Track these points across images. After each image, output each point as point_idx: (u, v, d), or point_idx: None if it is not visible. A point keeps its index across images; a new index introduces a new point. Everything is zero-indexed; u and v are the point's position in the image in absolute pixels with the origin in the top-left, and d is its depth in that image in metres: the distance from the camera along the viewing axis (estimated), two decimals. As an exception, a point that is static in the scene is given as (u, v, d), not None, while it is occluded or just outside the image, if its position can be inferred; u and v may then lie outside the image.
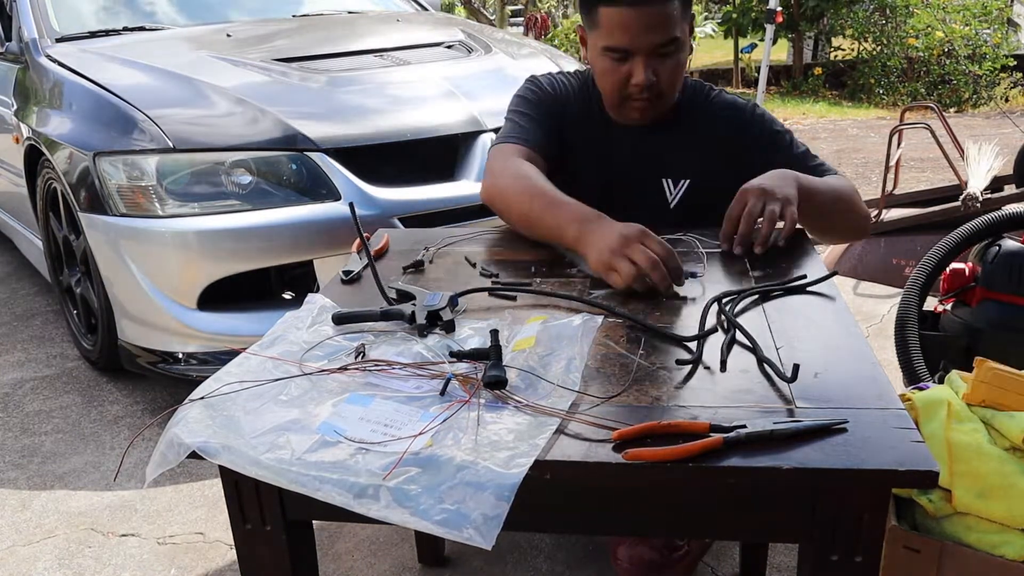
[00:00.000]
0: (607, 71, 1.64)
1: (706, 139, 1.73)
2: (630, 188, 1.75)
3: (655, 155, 1.74)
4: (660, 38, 1.57)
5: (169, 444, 0.98)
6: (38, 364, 3.16)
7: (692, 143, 1.73)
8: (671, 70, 1.62)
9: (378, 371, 1.11)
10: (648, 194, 1.75)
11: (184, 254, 2.51)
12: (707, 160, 1.72)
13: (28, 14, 3.34)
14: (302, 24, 3.71)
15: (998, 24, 10.70)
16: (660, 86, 1.63)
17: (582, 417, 0.97)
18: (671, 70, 1.62)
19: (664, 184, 1.74)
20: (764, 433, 0.92)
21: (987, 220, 2.30)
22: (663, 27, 1.56)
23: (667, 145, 1.74)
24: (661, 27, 1.56)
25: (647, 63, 1.59)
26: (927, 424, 1.44)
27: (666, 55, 1.60)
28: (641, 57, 1.59)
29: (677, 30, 1.57)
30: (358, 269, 1.50)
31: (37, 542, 2.13)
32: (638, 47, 1.58)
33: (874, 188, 5.22)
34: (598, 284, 1.38)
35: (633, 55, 1.59)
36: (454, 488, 0.89)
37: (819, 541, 0.95)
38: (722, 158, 1.71)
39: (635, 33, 1.56)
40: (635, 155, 1.74)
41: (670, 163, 1.73)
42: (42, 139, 2.91)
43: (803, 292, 1.33)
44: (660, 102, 1.67)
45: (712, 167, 1.71)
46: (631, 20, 1.55)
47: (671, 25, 1.56)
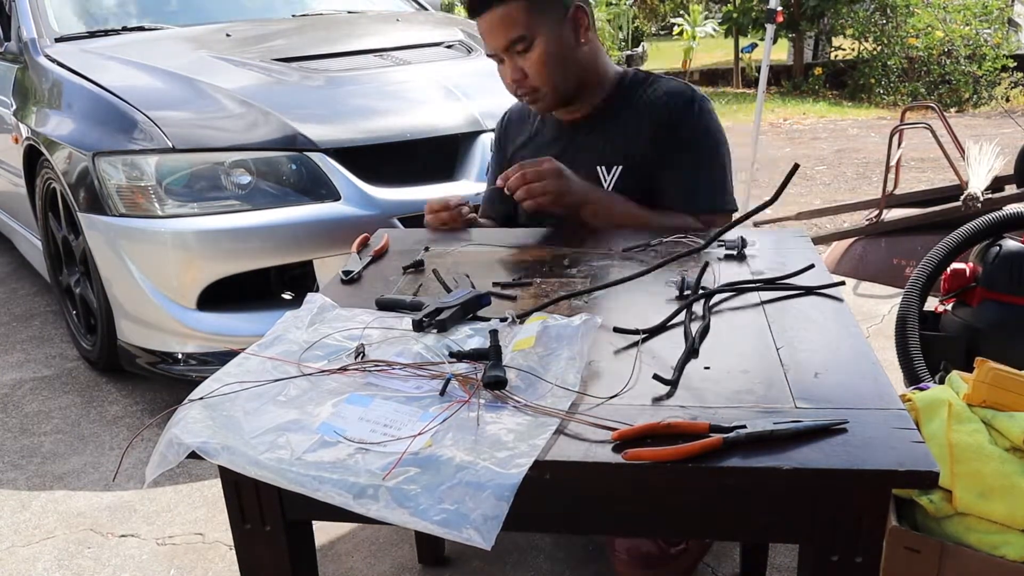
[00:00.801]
0: (499, 74, 1.79)
1: (638, 125, 1.78)
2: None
3: (589, 145, 1.82)
4: (505, 39, 1.68)
5: (169, 444, 0.98)
6: (37, 364, 3.16)
7: (624, 130, 1.80)
8: (533, 64, 1.70)
9: (378, 371, 1.11)
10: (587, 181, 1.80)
11: (183, 254, 2.50)
12: (637, 145, 1.77)
13: (27, 14, 3.34)
14: (302, 24, 3.71)
15: (998, 24, 10.71)
16: (530, 81, 1.73)
17: (582, 417, 0.97)
18: (533, 64, 1.70)
19: (599, 171, 1.79)
20: (764, 433, 0.91)
21: (988, 220, 2.29)
22: (505, 28, 1.67)
23: (600, 134, 1.81)
24: (502, 29, 1.67)
25: (510, 62, 1.72)
26: (928, 424, 1.44)
27: (521, 52, 1.70)
28: (504, 57, 1.72)
29: (522, 29, 1.67)
30: (358, 269, 1.50)
31: (36, 543, 2.13)
32: (493, 49, 1.72)
33: (875, 188, 5.22)
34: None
35: (500, 58, 1.73)
36: (454, 488, 0.89)
37: (819, 541, 0.94)
38: (652, 142, 1.76)
39: (488, 37, 1.71)
40: (576, 147, 1.82)
41: (603, 151, 1.80)
42: (41, 139, 2.91)
43: (805, 292, 1.33)
44: (544, 95, 1.76)
45: (641, 151, 1.76)
46: (482, 27, 1.70)
47: (513, 25, 1.66)
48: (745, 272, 1.43)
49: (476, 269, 1.50)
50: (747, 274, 1.42)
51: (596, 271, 1.47)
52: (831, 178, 6.11)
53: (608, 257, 1.53)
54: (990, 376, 1.43)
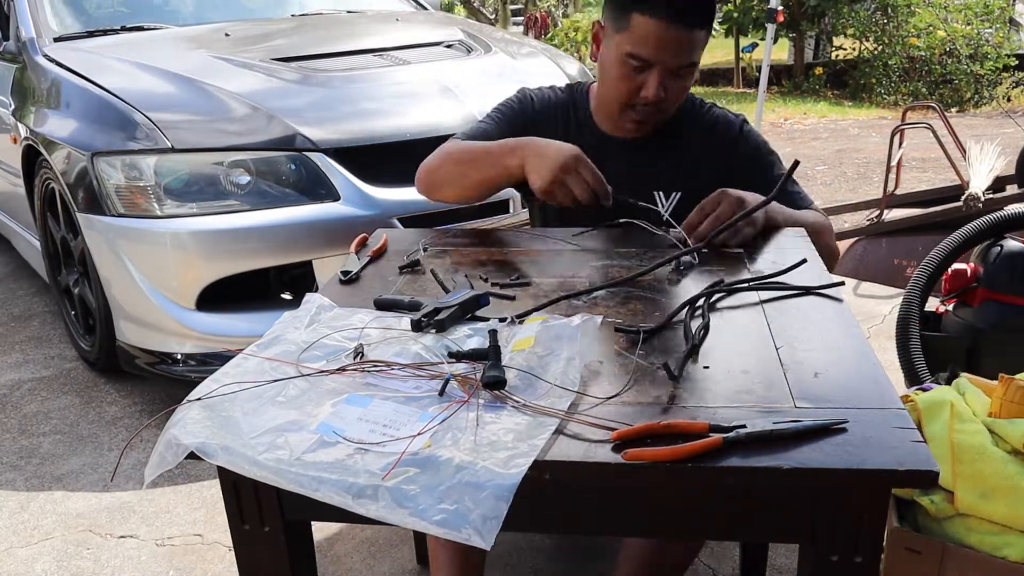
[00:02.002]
0: (620, 77, 1.64)
1: (697, 153, 1.75)
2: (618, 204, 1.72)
3: (647, 167, 1.75)
4: (683, 59, 1.59)
5: (168, 445, 0.98)
6: (36, 365, 3.16)
7: (683, 157, 1.75)
8: (680, 91, 1.65)
9: (377, 372, 1.11)
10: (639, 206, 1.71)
11: (182, 254, 2.50)
12: (697, 174, 1.73)
13: (26, 13, 3.33)
14: (301, 23, 3.71)
15: (1000, 23, 10.71)
16: (666, 103, 1.65)
17: (581, 417, 0.97)
18: (680, 91, 1.65)
19: (657, 197, 1.74)
20: (764, 433, 0.91)
21: (989, 220, 2.29)
22: (689, 49, 1.59)
23: (659, 158, 1.75)
24: (687, 48, 1.58)
25: (663, 79, 1.61)
26: (930, 425, 1.43)
27: (681, 76, 1.62)
28: (659, 71, 1.60)
29: (697, 55, 1.61)
30: (356, 269, 1.50)
31: (35, 543, 2.12)
32: (662, 62, 1.59)
33: (875, 188, 5.22)
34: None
35: (652, 68, 1.60)
36: (453, 488, 0.88)
37: (819, 541, 0.94)
38: (711, 172, 1.72)
39: (663, 49, 1.57)
40: (628, 168, 1.74)
41: (662, 175, 1.74)
42: (40, 139, 2.91)
43: (805, 292, 1.33)
44: (659, 118, 1.69)
45: (702, 181, 1.70)
46: (663, 34, 1.56)
47: (695, 48, 1.60)
48: (745, 272, 1.43)
49: (475, 269, 1.49)
50: (747, 274, 1.42)
51: (596, 271, 1.46)
52: (832, 178, 6.11)
53: (608, 257, 1.52)
54: (1019, 396, 1.43)
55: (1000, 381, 1.47)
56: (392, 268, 1.52)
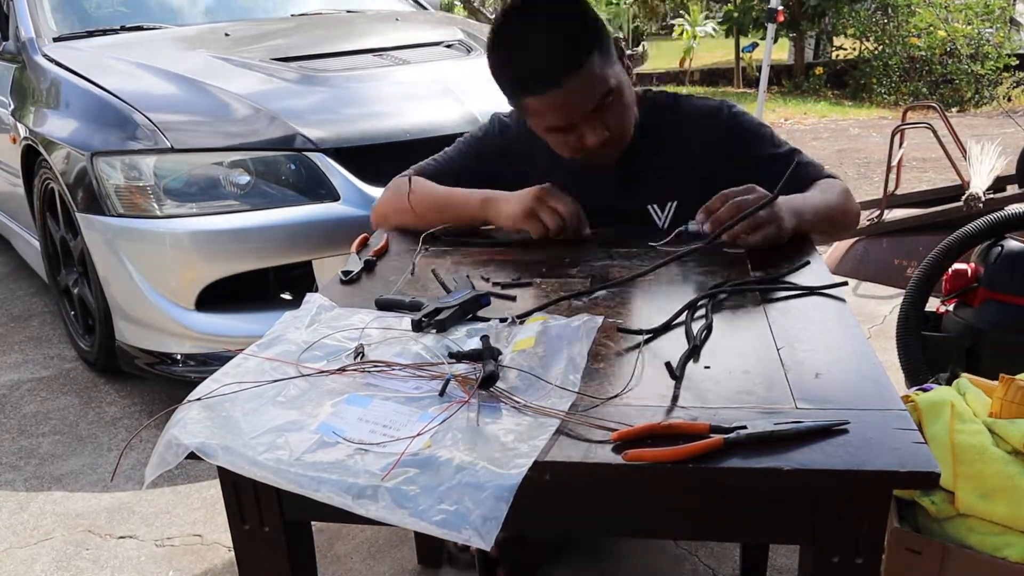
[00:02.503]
0: (559, 144, 1.59)
1: (686, 155, 1.67)
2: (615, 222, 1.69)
3: (634, 184, 1.69)
4: (592, 100, 1.50)
5: (168, 445, 0.98)
6: (35, 365, 3.15)
7: (669, 164, 1.67)
8: (619, 115, 1.57)
9: (377, 372, 1.11)
10: (637, 223, 1.70)
11: (182, 255, 2.50)
12: (690, 177, 1.65)
13: (25, 13, 3.33)
14: (301, 23, 3.71)
15: (1000, 23, 10.70)
16: (614, 135, 1.57)
17: (582, 418, 0.97)
18: (619, 115, 1.57)
19: (652, 211, 1.69)
20: (765, 434, 0.91)
21: (989, 220, 2.29)
22: (590, 87, 1.49)
23: (643, 172, 1.68)
24: (589, 88, 1.49)
25: (594, 123, 1.53)
26: (931, 425, 1.43)
27: (608, 106, 1.53)
28: (585, 121, 1.53)
29: (609, 80, 1.51)
30: (357, 269, 1.50)
31: (34, 544, 2.12)
32: (578, 117, 1.52)
33: (876, 188, 5.21)
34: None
35: (571, 127, 1.54)
36: (453, 489, 0.88)
37: (820, 542, 0.94)
38: (705, 171, 1.64)
39: (569, 108, 1.50)
40: (617, 188, 1.69)
41: (651, 189, 1.68)
42: (39, 139, 2.91)
43: (806, 292, 1.32)
44: (620, 145, 1.62)
45: (696, 183, 1.62)
46: (560, 99, 1.48)
47: (600, 81, 1.50)
48: (746, 273, 1.43)
49: (476, 269, 1.49)
50: (748, 275, 1.41)
51: (596, 271, 1.46)
52: (831, 178, 6.10)
53: (608, 257, 1.52)
54: (1019, 396, 1.42)
55: (1000, 381, 1.47)
56: (393, 268, 1.52)
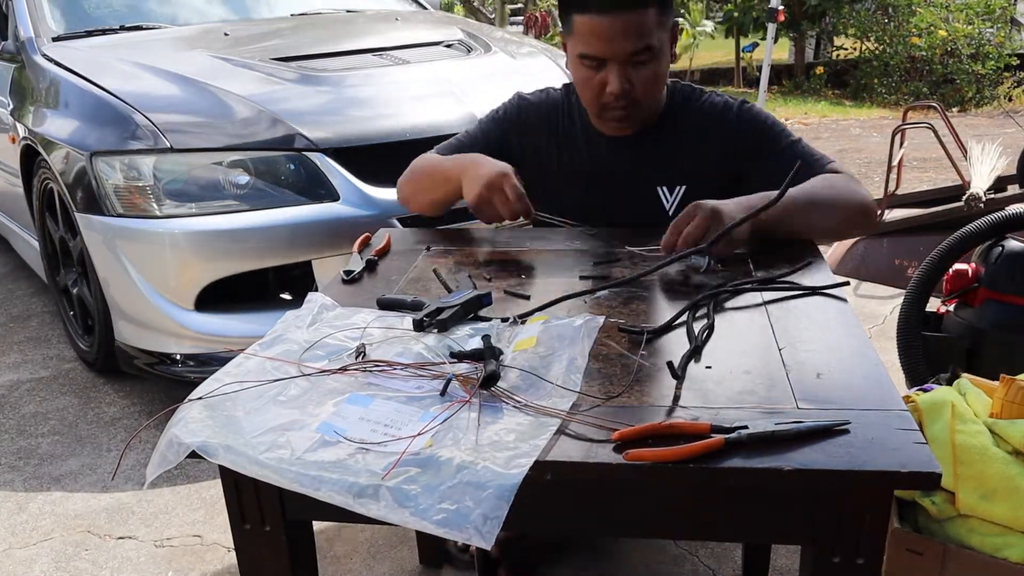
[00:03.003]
0: (583, 80, 1.63)
1: (698, 144, 1.70)
2: (625, 200, 1.72)
3: (647, 164, 1.71)
4: (633, 46, 1.54)
5: (169, 444, 0.98)
6: (34, 366, 3.15)
7: (684, 149, 1.71)
8: (647, 79, 1.60)
9: (378, 371, 1.10)
10: (645, 204, 1.72)
11: (181, 255, 2.49)
12: (701, 165, 1.69)
13: (24, 13, 3.33)
14: (300, 23, 3.70)
15: (1001, 23, 10.69)
16: (635, 95, 1.60)
17: (583, 417, 0.97)
18: (647, 79, 1.60)
19: (660, 192, 1.71)
20: (766, 434, 0.91)
21: (990, 220, 2.28)
22: (636, 35, 1.54)
23: (658, 153, 1.71)
24: (634, 35, 1.54)
25: (621, 71, 1.57)
26: (931, 426, 1.43)
27: (641, 63, 1.58)
28: (616, 65, 1.57)
29: (652, 39, 1.55)
30: (359, 269, 1.50)
31: (34, 544, 2.12)
32: (612, 55, 1.56)
33: (877, 188, 5.20)
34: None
35: (607, 63, 1.57)
36: (454, 488, 0.88)
37: (821, 543, 0.94)
38: (716, 162, 1.68)
39: (608, 41, 1.54)
40: (626, 166, 1.72)
41: (663, 171, 1.71)
42: (38, 139, 2.90)
43: (807, 293, 1.32)
44: (638, 111, 1.65)
45: (706, 172, 1.68)
46: (604, 28, 1.53)
47: (645, 33, 1.54)
48: (748, 273, 1.42)
49: (477, 269, 1.49)
50: (750, 275, 1.41)
51: (598, 271, 1.46)
52: (831, 178, 6.10)
53: (611, 257, 1.52)
54: (1019, 396, 1.42)
55: (1001, 382, 1.47)
56: (395, 268, 1.52)
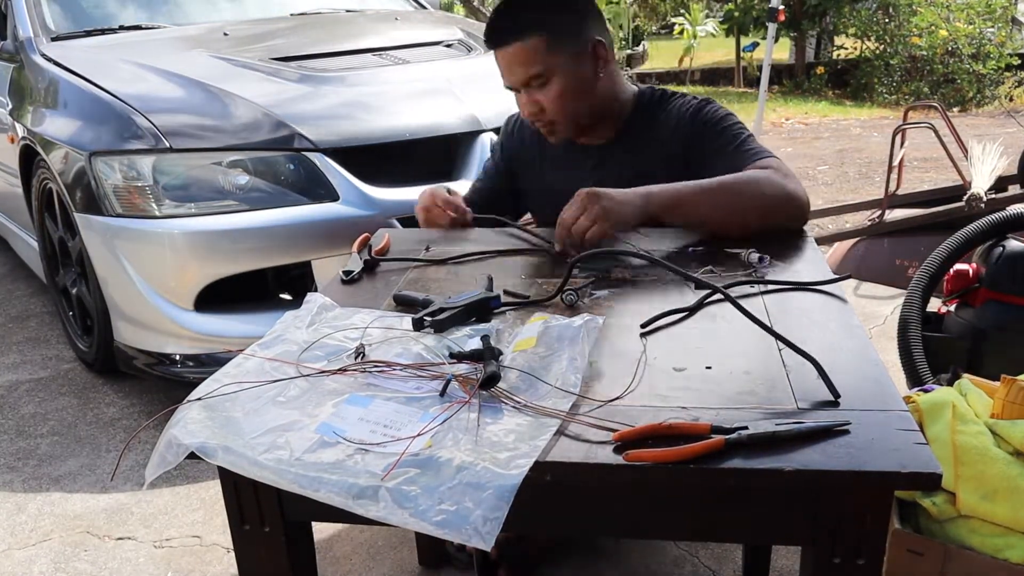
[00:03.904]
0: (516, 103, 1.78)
1: (666, 147, 1.74)
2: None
3: (618, 170, 1.75)
4: (521, 75, 1.67)
5: (168, 445, 0.97)
6: (33, 366, 3.14)
7: (653, 153, 1.75)
8: (551, 98, 1.69)
9: (378, 372, 1.10)
10: None
11: (180, 255, 2.49)
12: (671, 168, 1.70)
13: (23, 12, 3.32)
14: (300, 23, 3.69)
15: (1002, 23, 10.69)
16: (547, 114, 1.71)
17: (583, 418, 0.96)
18: (551, 98, 1.69)
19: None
20: (766, 435, 0.90)
21: (991, 220, 2.28)
22: (523, 64, 1.66)
23: (624, 159, 1.77)
24: (520, 65, 1.66)
25: (527, 96, 1.70)
26: (932, 426, 1.43)
27: (540, 87, 1.68)
28: (520, 92, 1.71)
29: (539, 65, 1.65)
30: (358, 269, 1.49)
31: (33, 545, 2.11)
32: (511, 84, 1.71)
33: (877, 188, 5.21)
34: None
35: (517, 89, 1.72)
36: (454, 489, 0.88)
37: (821, 543, 0.94)
38: (683, 163, 1.71)
39: (504, 72, 1.70)
40: (594, 172, 1.77)
41: (630, 175, 1.69)
42: (37, 139, 2.90)
43: (807, 291, 1.32)
44: (561, 128, 1.74)
45: (674, 174, 1.66)
46: (500, 61, 1.69)
47: (532, 61, 1.64)
48: (748, 273, 1.42)
49: (477, 270, 1.48)
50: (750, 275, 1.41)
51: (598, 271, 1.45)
52: (833, 178, 6.10)
53: (610, 257, 1.51)
54: (1020, 397, 1.42)
55: (1002, 382, 1.47)
56: (395, 268, 1.52)
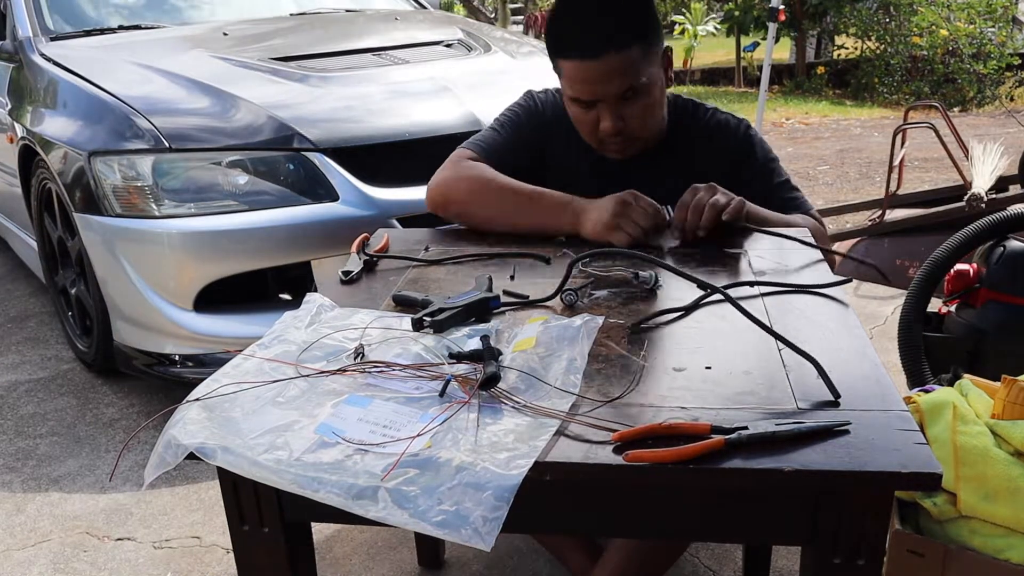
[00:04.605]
0: (577, 118, 1.65)
1: (700, 163, 1.71)
2: None
3: (650, 181, 1.69)
4: (618, 88, 1.56)
5: (167, 445, 0.97)
6: (33, 366, 3.14)
7: (686, 167, 1.70)
8: (638, 114, 1.61)
9: (377, 372, 1.10)
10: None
11: (180, 255, 2.49)
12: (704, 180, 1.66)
13: (22, 12, 3.32)
14: (300, 23, 3.69)
15: (1003, 22, 10.69)
16: (629, 129, 1.62)
17: (582, 418, 0.96)
18: (638, 114, 1.61)
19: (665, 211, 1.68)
20: (766, 435, 0.90)
21: (992, 220, 2.28)
22: (620, 76, 1.54)
23: (661, 171, 1.71)
24: (618, 77, 1.54)
25: (612, 110, 1.59)
26: (933, 427, 1.42)
27: (632, 100, 1.58)
28: (606, 105, 1.58)
29: (639, 77, 1.56)
30: (357, 269, 1.49)
31: (32, 546, 2.11)
32: (599, 97, 1.58)
33: (878, 188, 5.21)
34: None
35: (598, 103, 1.59)
36: (453, 489, 0.88)
37: (821, 544, 0.93)
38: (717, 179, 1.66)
39: (594, 84, 1.56)
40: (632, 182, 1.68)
41: (666, 188, 1.69)
42: (36, 139, 2.90)
43: (807, 292, 1.32)
44: (636, 142, 1.66)
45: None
46: (589, 72, 1.54)
47: (630, 73, 1.55)
48: (747, 272, 1.42)
49: (477, 270, 1.48)
50: (749, 274, 1.41)
51: (598, 271, 1.45)
52: (833, 178, 6.11)
53: (610, 257, 1.51)
54: (1021, 397, 1.41)
55: (1003, 382, 1.46)
56: (394, 268, 1.52)
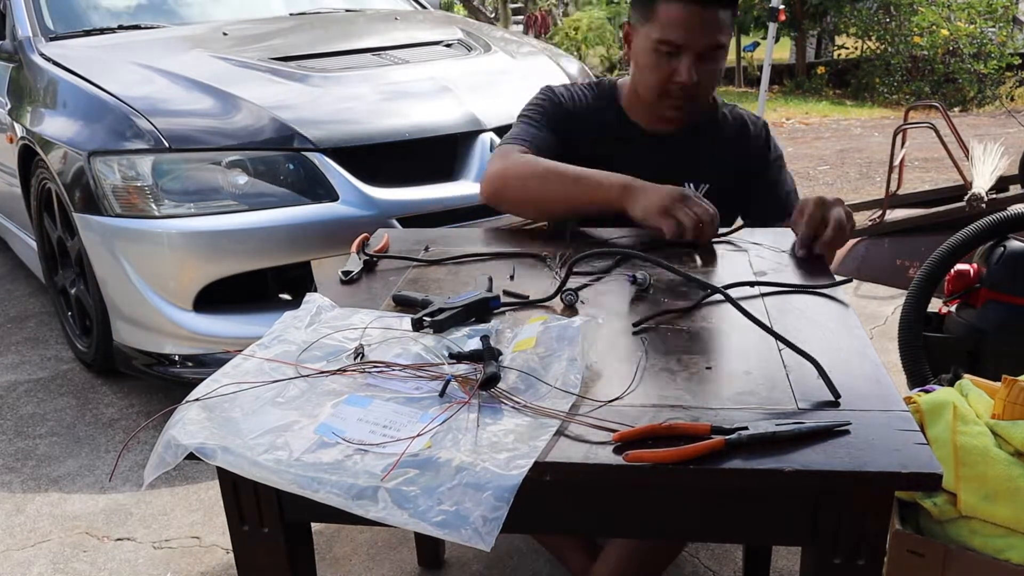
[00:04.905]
0: (653, 66, 1.68)
1: (724, 148, 1.80)
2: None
3: (680, 162, 1.77)
4: (711, 41, 1.63)
5: (167, 445, 0.97)
6: (32, 366, 3.14)
7: (712, 151, 1.80)
8: (711, 75, 1.68)
9: (377, 372, 1.10)
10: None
11: (180, 255, 2.49)
12: (723, 170, 1.77)
13: (22, 12, 3.31)
14: (300, 23, 3.69)
15: (1003, 22, 10.67)
16: (699, 88, 1.68)
17: (582, 418, 0.96)
18: (711, 75, 1.68)
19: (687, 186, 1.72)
20: (766, 435, 0.90)
21: (992, 220, 2.27)
22: (715, 29, 1.63)
23: (691, 152, 1.79)
24: (714, 29, 1.62)
25: (693, 62, 1.64)
26: (933, 427, 1.42)
27: (711, 59, 1.66)
28: (690, 56, 1.64)
29: (725, 36, 1.65)
30: (357, 269, 1.49)
31: (31, 546, 2.11)
32: (690, 45, 1.63)
33: (878, 188, 5.21)
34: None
35: (683, 53, 1.64)
36: (453, 489, 0.88)
37: (821, 544, 0.93)
38: (735, 170, 1.78)
39: (690, 30, 1.62)
40: (661, 161, 1.75)
41: (693, 169, 1.75)
42: (36, 139, 2.90)
43: (807, 292, 1.32)
44: (694, 106, 1.72)
45: (727, 175, 1.76)
46: (689, 17, 1.61)
47: (722, 30, 1.64)
48: (747, 272, 1.42)
49: (478, 270, 1.48)
50: (749, 274, 1.41)
51: (598, 270, 1.45)
52: (834, 178, 6.10)
53: (610, 257, 1.51)
54: (1021, 397, 1.41)
55: (1003, 383, 1.46)
56: (394, 268, 1.51)
